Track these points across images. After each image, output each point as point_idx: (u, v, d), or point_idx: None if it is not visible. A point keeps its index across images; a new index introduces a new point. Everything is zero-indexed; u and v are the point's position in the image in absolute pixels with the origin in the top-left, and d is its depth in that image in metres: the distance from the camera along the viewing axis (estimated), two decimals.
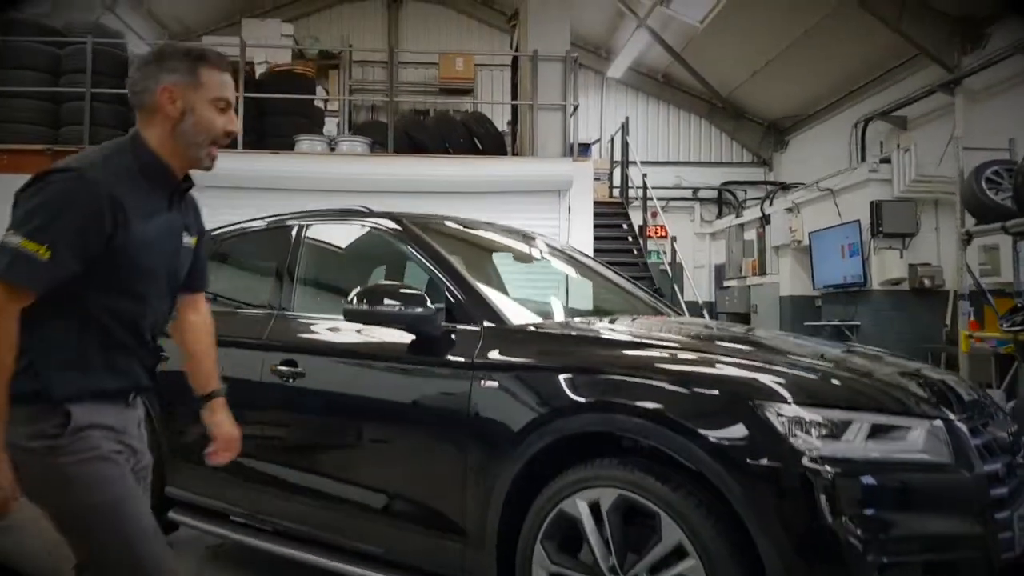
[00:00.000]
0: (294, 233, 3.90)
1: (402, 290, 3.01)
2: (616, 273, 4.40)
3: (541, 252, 4.29)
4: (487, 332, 2.95)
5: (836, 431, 2.26)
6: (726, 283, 13.57)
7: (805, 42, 11.70)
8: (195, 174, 2.11)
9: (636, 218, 11.62)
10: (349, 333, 3.35)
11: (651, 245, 11.75)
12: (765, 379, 2.40)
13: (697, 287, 11.63)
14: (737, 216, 13.47)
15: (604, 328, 3.16)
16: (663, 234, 12.96)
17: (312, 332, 3.54)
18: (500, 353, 2.86)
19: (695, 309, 10.13)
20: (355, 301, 3.03)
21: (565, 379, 2.64)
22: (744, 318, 12.57)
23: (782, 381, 2.40)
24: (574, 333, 3.00)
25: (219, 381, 2.42)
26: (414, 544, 3.00)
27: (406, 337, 3.09)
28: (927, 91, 10.04)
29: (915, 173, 9.19)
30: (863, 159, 11.34)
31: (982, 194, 6.89)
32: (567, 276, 4.29)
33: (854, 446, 2.24)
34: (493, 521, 2.71)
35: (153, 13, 13.70)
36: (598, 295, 4.14)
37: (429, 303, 2.98)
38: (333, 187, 8.50)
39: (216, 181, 8.35)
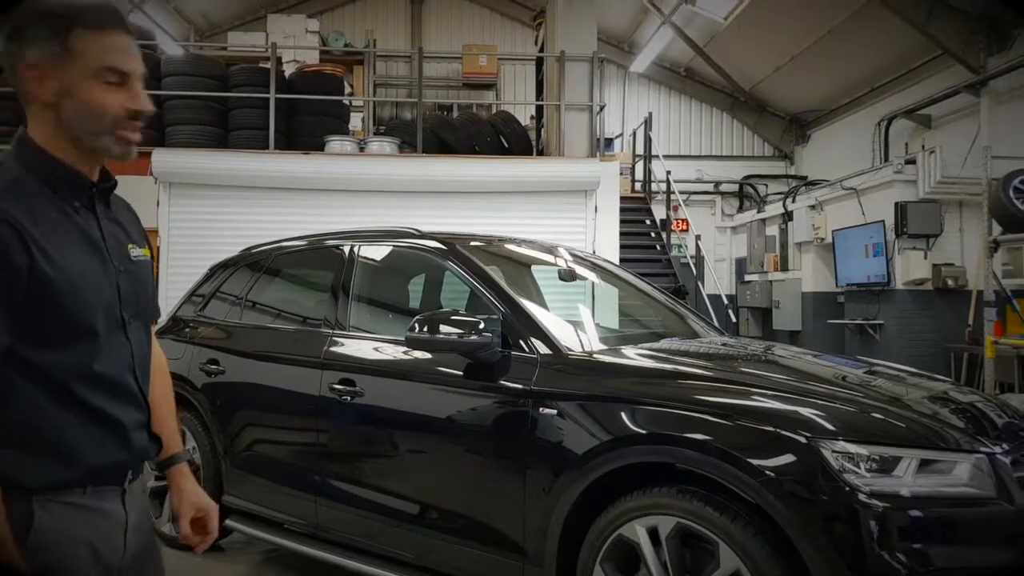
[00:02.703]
0: (347, 252, 4.04)
1: (461, 317, 3.16)
2: (656, 288, 4.52)
3: (585, 271, 4.42)
4: (544, 360, 3.09)
5: (887, 466, 2.39)
6: (747, 277, 13.64)
7: (829, 40, 11.72)
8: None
9: (658, 212, 11.71)
10: (407, 354, 3.49)
11: (673, 239, 11.83)
12: (820, 414, 2.53)
13: (718, 281, 11.72)
14: (759, 211, 13.52)
15: (656, 358, 3.28)
16: (684, 228, 13.06)
17: (370, 352, 3.69)
18: (557, 381, 3.00)
19: (719, 304, 10.26)
20: (416, 328, 3.17)
21: (623, 410, 2.78)
22: (766, 313, 12.66)
23: (836, 417, 2.52)
24: (628, 363, 3.13)
25: (180, 443, 1.87)
26: (472, 560, 3.15)
27: (463, 361, 3.24)
28: (952, 91, 10.06)
29: (940, 175, 9.23)
30: (886, 156, 11.38)
31: (1010, 204, 6.96)
32: (609, 295, 4.41)
33: (904, 481, 2.37)
34: (552, 542, 2.86)
35: (180, 10, 13.83)
36: (641, 314, 4.26)
37: (486, 331, 3.12)
38: (363, 187, 8.66)
39: (249, 182, 8.56)
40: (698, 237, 10.86)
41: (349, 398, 3.57)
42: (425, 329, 3.16)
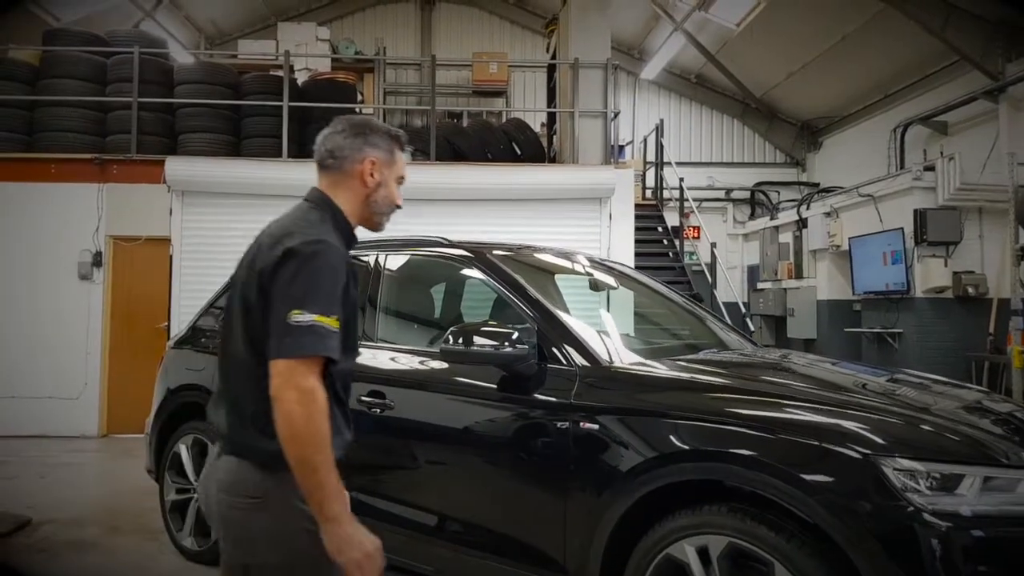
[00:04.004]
0: (373, 262, 3.97)
1: (496, 329, 3.08)
2: (687, 298, 4.45)
3: (614, 280, 4.34)
4: (583, 372, 3.01)
5: (949, 484, 2.30)
6: (760, 285, 13.54)
7: (843, 46, 11.65)
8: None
9: (669, 219, 11.63)
10: (438, 366, 3.41)
11: (685, 247, 11.74)
12: (877, 429, 2.44)
13: (731, 289, 11.63)
14: (772, 218, 13.42)
15: (700, 371, 3.20)
16: (696, 235, 12.98)
17: (399, 364, 3.61)
18: (599, 395, 2.92)
19: (735, 312, 10.17)
20: (451, 340, 3.10)
21: (669, 425, 2.70)
22: (779, 321, 12.57)
23: (894, 432, 2.45)
24: (673, 376, 3.04)
25: None
26: None
27: (497, 373, 3.17)
28: (969, 97, 9.98)
29: (959, 181, 9.14)
30: (902, 163, 11.29)
31: None
32: (640, 305, 4.33)
33: (967, 500, 2.28)
34: (596, 561, 2.78)
35: (190, 18, 13.81)
36: (672, 325, 4.18)
37: (521, 342, 3.05)
38: None
39: (262, 190, 8.50)
40: (713, 244, 10.76)
41: (379, 411, 3.49)
42: (460, 341, 3.08)
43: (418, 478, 3.46)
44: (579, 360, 3.06)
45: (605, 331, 3.52)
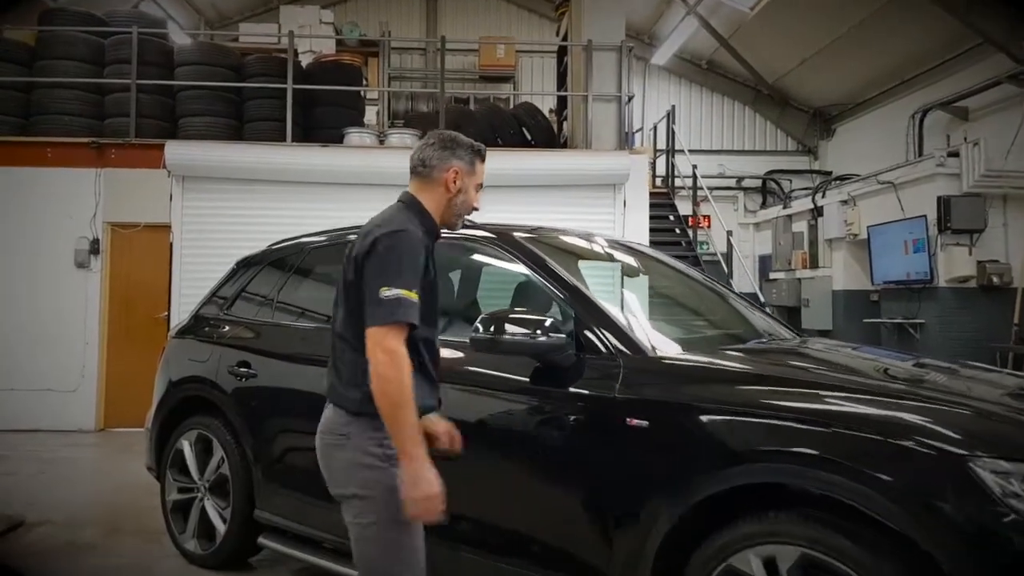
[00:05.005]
0: None
1: (530, 316, 2.81)
2: (722, 286, 4.18)
3: (651, 265, 4.07)
4: (628, 363, 2.74)
5: None
6: (772, 275, 13.26)
7: (861, 30, 11.34)
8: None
9: (681, 208, 11.38)
10: (464, 357, 3.14)
11: (697, 236, 11.49)
12: (966, 427, 2.18)
13: (746, 278, 11.38)
14: (785, 207, 13.14)
15: (756, 361, 2.93)
16: (707, 224, 12.72)
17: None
18: (647, 388, 2.66)
19: (754, 301, 9.89)
20: (481, 329, 2.83)
21: (729, 423, 2.43)
22: (793, 311, 12.28)
23: (987, 431, 2.19)
24: (730, 368, 2.76)
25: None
26: None
27: (531, 364, 2.90)
28: (993, 82, 9.69)
29: (984, 168, 8.86)
30: (920, 150, 11.01)
31: None
32: (676, 292, 4.05)
33: None
34: (645, 571, 2.51)
35: (191, 0, 13.49)
36: (713, 314, 3.90)
37: (557, 330, 2.78)
38: (383, 181, 8.21)
39: (265, 175, 8.22)
40: (729, 233, 10.51)
41: None
42: (491, 329, 2.81)
43: (445, 480, 3.18)
44: (622, 350, 2.79)
45: (642, 319, 3.25)
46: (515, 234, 3.43)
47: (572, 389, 2.82)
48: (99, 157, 8.52)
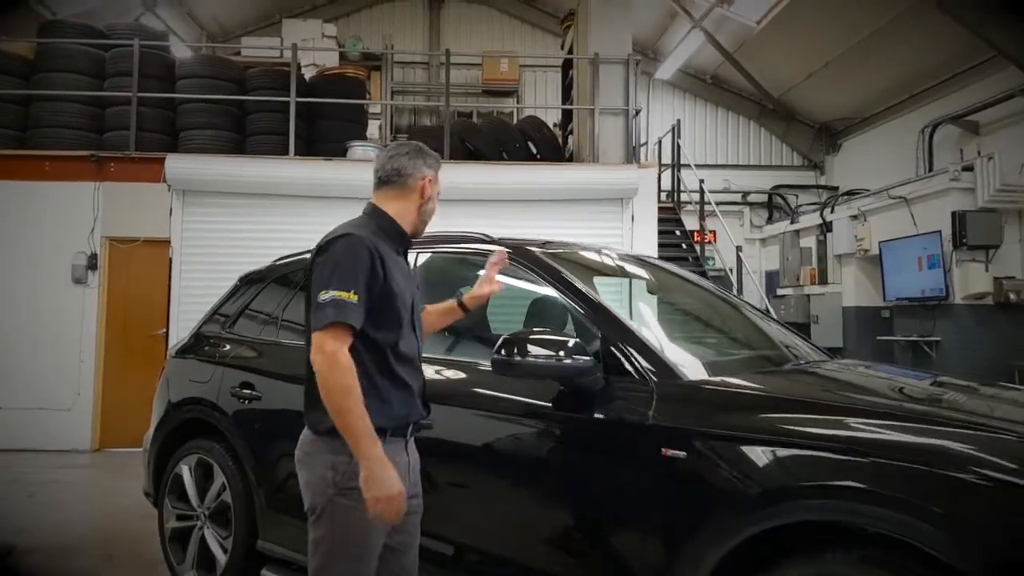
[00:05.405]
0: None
1: (554, 337, 2.63)
2: (750, 307, 3.99)
3: (672, 282, 3.89)
4: (662, 388, 2.55)
5: None
6: (780, 291, 13.07)
7: (870, 43, 11.21)
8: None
9: (687, 223, 11.22)
10: (483, 379, 2.95)
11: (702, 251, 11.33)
12: None
13: (755, 294, 11.19)
14: (792, 222, 12.97)
15: (805, 387, 2.74)
16: (712, 239, 12.56)
17: (435, 377, 3.15)
18: (683, 415, 2.46)
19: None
20: (503, 351, 2.64)
21: (776, 453, 2.23)
22: (803, 328, 12.08)
23: None
24: (774, 394, 2.56)
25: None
26: None
27: (554, 388, 2.72)
28: (1006, 95, 9.55)
29: (999, 182, 8.70)
30: (931, 165, 10.86)
31: None
32: (703, 311, 3.86)
33: None
34: None
35: (192, 14, 13.37)
36: (739, 333, 3.70)
37: (583, 352, 2.60)
38: None
39: (268, 189, 8.05)
40: (739, 248, 10.32)
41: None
42: (514, 351, 2.63)
43: (457, 510, 2.99)
44: (654, 374, 2.60)
45: (671, 339, 3.06)
46: (534, 248, 3.25)
47: (599, 415, 2.63)
48: (98, 171, 8.37)
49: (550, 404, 2.75)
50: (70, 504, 6.01)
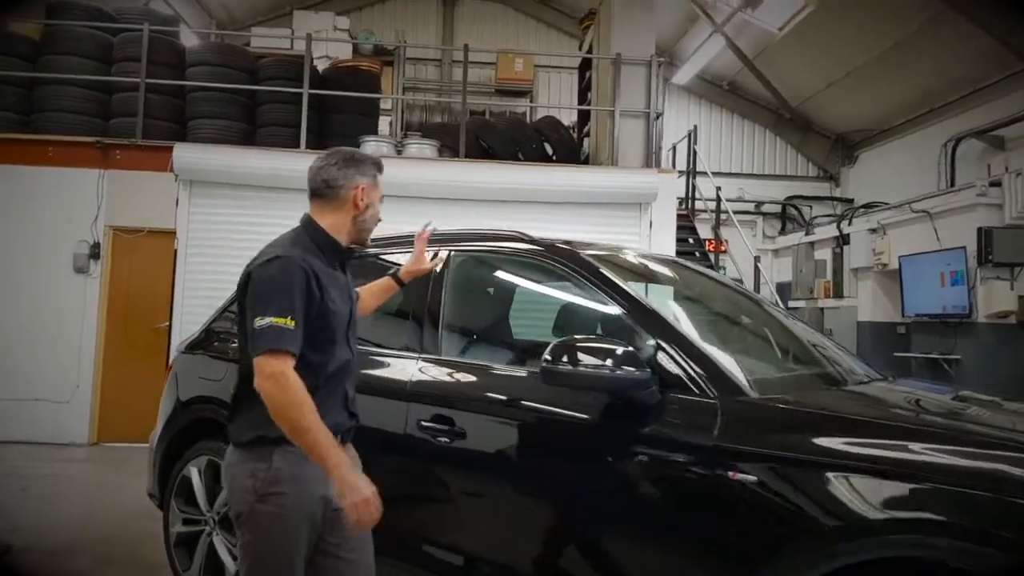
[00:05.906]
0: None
1: (606, 345, 2.42)
2: (801, 322, 3.78)
3: (719, 291, 3.67)
4: (728, 405, 2.33)
5: None
6: (792, 303, 12.85)
7: (893, 55, 10.99)
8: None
9: (701, 231, 11.03)
10: (530, 389, 2.74)
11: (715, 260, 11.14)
12: None
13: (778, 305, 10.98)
14: (807, 233, 12.75)
15: (883, 408, 2.53)
16: (723, 248, 12.35)
17: (475, 383, 2.93)
18: (753, 436, 2.24)
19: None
20: (553, 358, 2.43)
21: (861, 481, 2.02)
22: None
23: None
24: (855, 417, 2.33)
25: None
26: None
27: (602, 400, 2.51)
28: None
29: None
30: (953, 179, 10.66)
31: None
32: (753, 322, 3.64)
33: None
34: None
35: (202, 1, 13.15)
36: (792, 347, 3.48)
37: (636, 362, 2.39)
38: (400, 192, 7.83)
39: (278, 183, 7.83)
40: (757, 258, 10.12)
41: (447, 440, 2.82)
42: (565, 359, 2.42)
43: (498, 529, 2.78)
44: (717, 389, 2.39)
45: (730, 352, 2.84)
46: (582, 252, 3.03)
47: (652, 431, 2.42)
48: (103, 158, 8.15)
49: (596, 417, 2.55)
50: (68, 500, 5.79)
